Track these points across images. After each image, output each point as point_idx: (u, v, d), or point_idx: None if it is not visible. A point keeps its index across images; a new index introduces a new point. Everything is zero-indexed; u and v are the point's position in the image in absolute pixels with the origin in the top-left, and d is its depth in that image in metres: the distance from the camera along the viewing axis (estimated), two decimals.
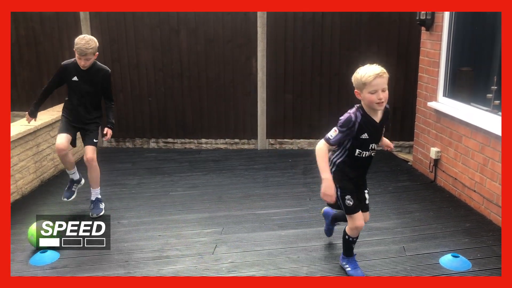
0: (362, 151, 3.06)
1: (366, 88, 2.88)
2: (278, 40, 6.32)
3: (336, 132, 3.01)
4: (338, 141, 3.02)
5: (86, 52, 4.04)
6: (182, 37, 6.41)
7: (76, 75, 4.22)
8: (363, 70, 2.91)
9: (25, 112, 6.51)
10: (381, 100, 2.88)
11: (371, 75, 2.85)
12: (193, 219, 4.38)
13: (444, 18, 4.95)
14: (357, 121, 2.97)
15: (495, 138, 4.11)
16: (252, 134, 6.70)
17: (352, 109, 3.04)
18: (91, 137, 4.38)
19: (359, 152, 3.06)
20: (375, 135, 3.07)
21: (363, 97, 2.95)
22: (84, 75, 4.22)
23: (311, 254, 3.66)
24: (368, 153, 3.08)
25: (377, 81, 2.85)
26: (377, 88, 2.86)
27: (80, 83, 4.24)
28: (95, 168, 4.39)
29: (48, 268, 3.52)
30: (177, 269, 3.48)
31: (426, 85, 5.36)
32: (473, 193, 4.50)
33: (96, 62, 4.26)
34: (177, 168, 5.94)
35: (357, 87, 2.96)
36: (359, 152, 3.06)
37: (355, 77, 2.96)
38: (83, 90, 4.27)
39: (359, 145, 3.04)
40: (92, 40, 4.10)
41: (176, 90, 6.59)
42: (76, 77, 4.23)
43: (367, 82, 2.86)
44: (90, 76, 4.24)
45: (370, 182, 4.70)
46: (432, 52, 5.18)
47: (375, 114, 3.02)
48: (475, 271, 3.38)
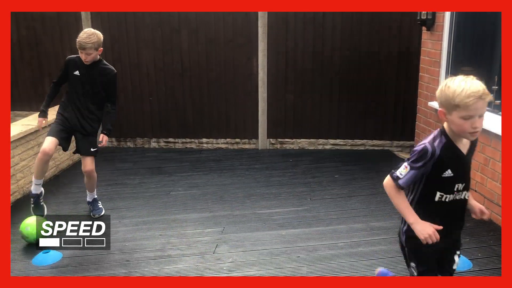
0: (445, 195, 2.29)
1: (459, 111, 2.10)
2: (279, 40, 6.32)
3: (407, 169, 2.24)
4: (410, 182, 2.27)
5: (85, 46, 3.86)
6: (183, 37, 6.42)
7: (78, 70, 4.03)
8: (459, 86, 2.10)
9: (26, 111, 6.59)
10: (477, 129, 2.12)
11: (472, 97, 2.06)
12: (194, 219, 4.38)
13: (445, 18, 4.95)
14: (435, 151, 2.19)
15: (495, 137, 4.11)
16: (253, 134, 6.70)
17: (429, 137, 2.26)
18: (89, 145, 4.16)
19: (440, 196, 2.29)
20: (461, 171, 2.31)
21: (450, 120, 2.16)
22: (86, 71, 4.03)
23: (311, 253, 3.66)
24: (452, 197, 2.30)
25: (477, 105, 2.07)
26: (475, 113, 2.09)
27: (81, 78, 4.05)
28: (93, 177, 4.28)
29: (49, 268, 3.54)
30: (178, 268, 3.49)
31: (427, 85, 5.36)
32: (473, 192, 4.50)
33: (102, 60, 4.11)
34: (178, 167, 5.94)
35: (445, 106, 2.15)
36: (440, 196, 2.29)
37: (444, 92, 2.14)
38: (83, 87, 4.08)
39: (440, 186, 2.27)
40: (94, 35, 3.90)
41: (177, 90, 6.60)
42: (78, 72, 4.03)
43: (462, 105, 2.08)
44: (92, 73, 4.04)
45: (370, 182, 4.68)
46: (433, 52, 5.19)
47: (461, 142, 2.26)
48: (475, 270, 3.38)
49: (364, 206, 4.57)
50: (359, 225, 4.17)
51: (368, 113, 6.41)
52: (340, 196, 4.86)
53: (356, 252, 3.68)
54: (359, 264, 3.50)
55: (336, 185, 5.16)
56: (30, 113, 6.33)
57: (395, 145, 6.47)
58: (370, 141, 6.51)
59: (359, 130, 6.47)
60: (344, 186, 5.13)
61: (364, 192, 4.94)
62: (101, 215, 4.36)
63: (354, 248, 3.75)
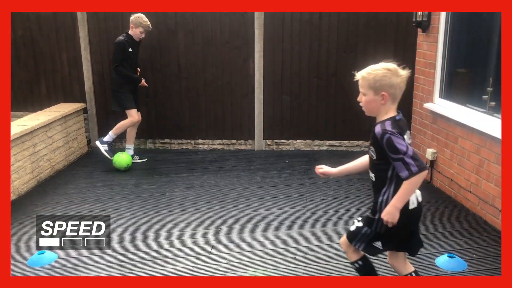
0: None
1: None
2: (275, 41, 6.33)
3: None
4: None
5: None
6: (179, 38, 6.42)
7: None
8: None
9: (22, 112, 6.57)
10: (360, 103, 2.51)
11: None
12: (190, 220, 4.38)
13: (440, 20, 4.97)
14: None
15: (490, 139, 4.13)
16: (249, 135, 6.70)
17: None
18: None
19: None
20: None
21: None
22: None
23: (308, 254, 3.67)
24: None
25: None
26: None
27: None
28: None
29: (45, 268, 3.53)
30: (174, 269, 3.49)
31: (422, 87, 5.38)
32: (469, 194, 4.52)
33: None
34: (174, 168, 5.94)
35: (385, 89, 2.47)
36: None
37: (388, 78, 2.43)
38: None
39: None
40: None
41: (173, 91, 6.60)
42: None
43: None
44: None
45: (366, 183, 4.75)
46: (429, 53, 5.21)
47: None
48: (471, 271, 3.40)
49: (359, 207, 4.57)
50: None
51: (364, 114, 6.39)
52: (336, 197, 4.88)
53: None
54: None
55: (332, 186, 5.17)
56: (26, 113, 6.32)
57: None
58: (366, 142, 6.52)
59: (355, 131, 6.48)
60: (339, 187, 5.14)
61: (359, 193, 4.95)
62: (98, 147, 5.92)
63: None
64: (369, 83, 2.42)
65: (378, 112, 2.49)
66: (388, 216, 2.37)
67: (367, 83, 2.42)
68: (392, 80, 2.40)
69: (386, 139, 2.33)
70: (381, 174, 2.47)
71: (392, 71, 2.42)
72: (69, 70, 6.64)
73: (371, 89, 2.42)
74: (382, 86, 2.40)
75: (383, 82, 2.39)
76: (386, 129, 2.36)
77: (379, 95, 2.42)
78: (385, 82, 2.39)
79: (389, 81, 2.39)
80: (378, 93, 2.42)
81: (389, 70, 2.41)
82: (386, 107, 2.46)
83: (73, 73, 6.63)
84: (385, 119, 2.44)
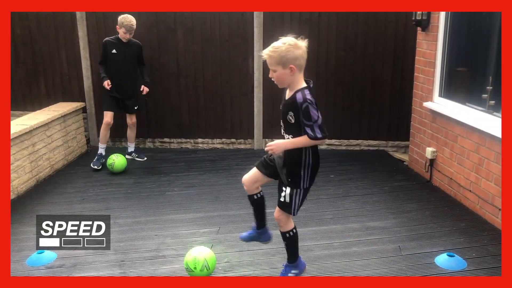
0: None
1: None
2: (275, 40, 6.27)
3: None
4: None
5: None
6: (178, 36, 6.41)
7: None
8: None
9: (21, 111, 6.56)
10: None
11: None
12: (189, 219, 4.38)
13: (439, 19, 4.97)
14: None
15: (490, 138, 4.13)
16: (248, 134, 6.70)
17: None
18: None
19: None
20: (281, 115, 2.89)
21: None
22: None
23: (306, 253, 3.66)
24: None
25: None
26: None
27: None
28: None
29: (44, 268, 3.52)
30: (173, 269, 3.48)
31: (422, 85, 5.38)
32: (468, 192, 4.52)
33: None
34: (174, 167, 5.93)
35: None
36: None
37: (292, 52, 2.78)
38: None
39: None
40: None
41: (173, 90, 6.59)
42: None
43: None
44: None
45: (366, 182, 4.72)
46: (428, 52, 5.20)
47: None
48: (470, 270, 3.39)
49: (359, 206, 4.57)
50: (354, 225, 4.17)
51: (363, 113, 6.42)
52: (335, 196, 4.87)
53: (351, 252, 3.68)
54: (353, 264, 3.51)
55: (331, 185, 5.17)
56: (25, 113, 6.31)
57: (390, 145, 6.49)
58: (365, 141, 6.53)
59: (355, 130, 6.48)
60: (339, 186, 5.14)
61: (359, 192, 4.94)
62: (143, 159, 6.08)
63: (349, 248, 3.76)
64: (276, 60, 2.70)
65: (289, 83, 2.80)
66: (274, 147, 2.81)
67: (274, 60, 2.71)
68: (295, 52, 2.70)
69: (304, 106, 2.69)
70: (297, 135, 2.81)
71: (293, 45, 2.72)
72: (68, 69, 6.63)
73: (279, 65, 2.71)
74: (288, 60, 2.69)
75: (288, 56, 2.68)
76: (306, 98, 2.70)
77: (288, 68, 2.71)
78: (290, 56, 2.68)
79: (293, 54, 2.69)
80: (286, 67, 2.71)
81: (290, 45, 2.71)
82: (296, 77, 2.76)
83: (72, 72, 6.62)
84: (303, 88, 2.76)
